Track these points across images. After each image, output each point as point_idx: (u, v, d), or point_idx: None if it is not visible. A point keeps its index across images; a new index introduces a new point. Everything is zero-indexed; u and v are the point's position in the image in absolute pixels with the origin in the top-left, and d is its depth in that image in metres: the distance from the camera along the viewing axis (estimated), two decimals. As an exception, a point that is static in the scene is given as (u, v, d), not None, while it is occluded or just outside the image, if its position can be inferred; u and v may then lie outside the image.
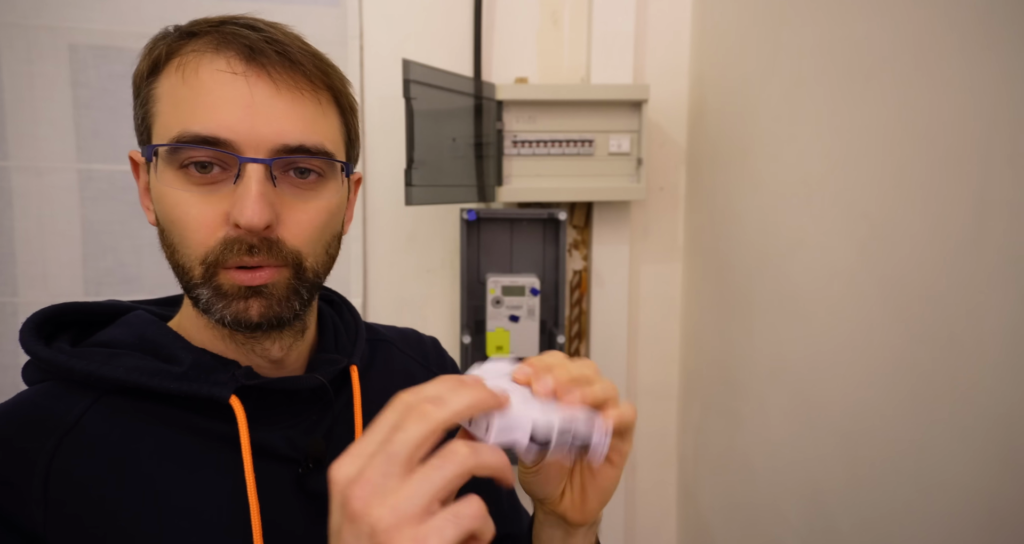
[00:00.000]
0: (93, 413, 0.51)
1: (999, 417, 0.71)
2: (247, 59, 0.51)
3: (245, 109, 0.50)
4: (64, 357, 0.52)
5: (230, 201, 0.50)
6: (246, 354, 0.56)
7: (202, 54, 0.51)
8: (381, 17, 1.48)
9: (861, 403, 0.94)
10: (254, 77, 0.50)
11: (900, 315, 0.86)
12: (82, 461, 0.49)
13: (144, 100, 0.53)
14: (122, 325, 0.56)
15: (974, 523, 0.75)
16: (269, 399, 0.55)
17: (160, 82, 0.52)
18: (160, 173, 0.51)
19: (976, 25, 0.74)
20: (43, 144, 1.38)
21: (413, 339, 0.74)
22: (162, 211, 0.52)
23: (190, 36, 0.53)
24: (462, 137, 1.39)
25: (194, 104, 0.50)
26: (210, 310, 0.51)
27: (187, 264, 0.51)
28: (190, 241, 0.51)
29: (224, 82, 0.50)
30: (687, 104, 1.58)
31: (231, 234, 0.50)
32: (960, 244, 0.76)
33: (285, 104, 0.51)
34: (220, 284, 0.51)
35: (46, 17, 1.36)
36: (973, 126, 0.74)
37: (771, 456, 1.19)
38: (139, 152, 0.55)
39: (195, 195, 0.50)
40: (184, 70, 0.51)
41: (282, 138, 0.51)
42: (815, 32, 1.05)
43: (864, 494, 0.93)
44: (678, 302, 1.64)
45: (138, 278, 1.45)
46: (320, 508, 0.55)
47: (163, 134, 0.51)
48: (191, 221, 0.50)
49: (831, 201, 1.00)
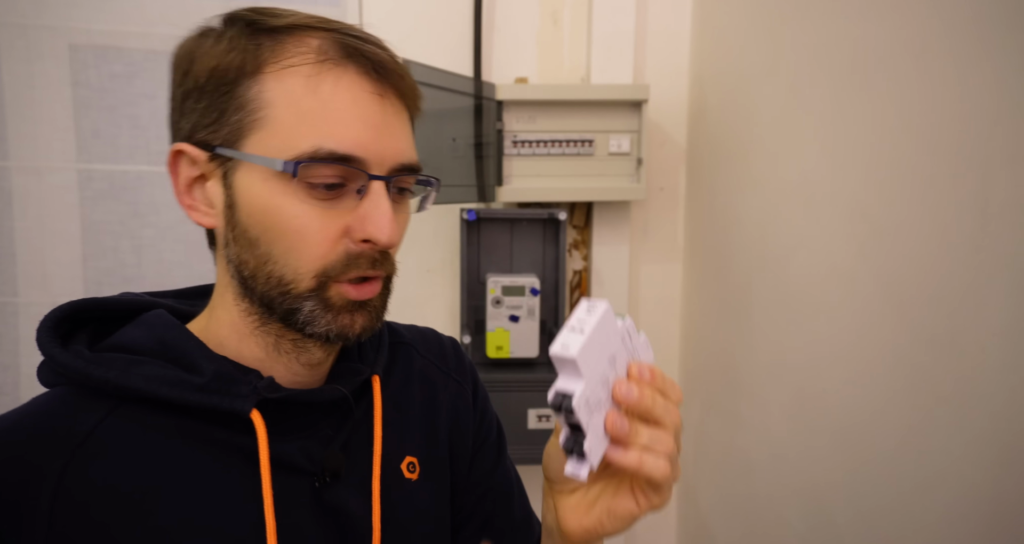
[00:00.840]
0: (109, 423, 0.50)
1: (999, 417, 0.71)
2: (380, 77, 0.51)
3: (376, 128, 0.51)
4: (81, 363, 0.50)
5: (353, 216, 0.51)
6: (285, 362, 0.55)
7: (337, 65, 0.50)
8: (381, 17, 1.48)
9: (861, 403, 0.94)
10: (386, 97, 0.52)
11: (900, 315, 0.86)
12: (95, 475, 0.48)
13: (243, 100, 0.50)
14: (142, 326, 0.54)
15: (974, 522, 0.75)
16: (289, 410, 0.54)
17: (270, 85, 0.49)
18: (268, 181, 0.49)
19: (976, 25, 0.74)
20: (43, 144, 1.38)
21: (433, 341, 0.73)
22: (267, 221, 0.50)
23: (286, 32, 0.51)
24: (462, 137, 1.39)
25: (328, 119, 0.49)
26: (312, 323, 0.51)
27: (292, 276, 0.50)
28: (306, 253, 0.50)
29: (360, 101, 0.50)
30: (687, 104, 1.58)
31: (354, 249, 0.51)
32: (960, 244, 0.76)
33: (401, 123, 0.53)
34: (329, 297, 0.51)
35: (46, 17, 1.36)
36: (973, 126, 0.74)
37: (771, 456, 1.19)
38: (190, 145, 0.52)
39: (315, 208, 0.50)
40: (319, 82, 0.49)
41: (401, 157, 0.52)
42: (815, 32, 1.05)
43: (864, 493, 0.93)
44: (678, 302, 1.64)
45: (138, 278, 1.45)
46: (337, 522, 0.55)
47: (281, 143, 0.49)
48: (312, 234, 0.50)
49: (831, 201, 1.00)
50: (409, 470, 0.62)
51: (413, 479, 0.62)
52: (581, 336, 0.45)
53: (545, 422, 1.45)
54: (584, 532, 0.53)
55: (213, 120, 0.51)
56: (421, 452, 0.63)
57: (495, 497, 0.71)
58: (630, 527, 0.52)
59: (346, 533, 0.55)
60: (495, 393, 1.43)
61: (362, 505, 0.56)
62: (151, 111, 1.43)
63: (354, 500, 0.56)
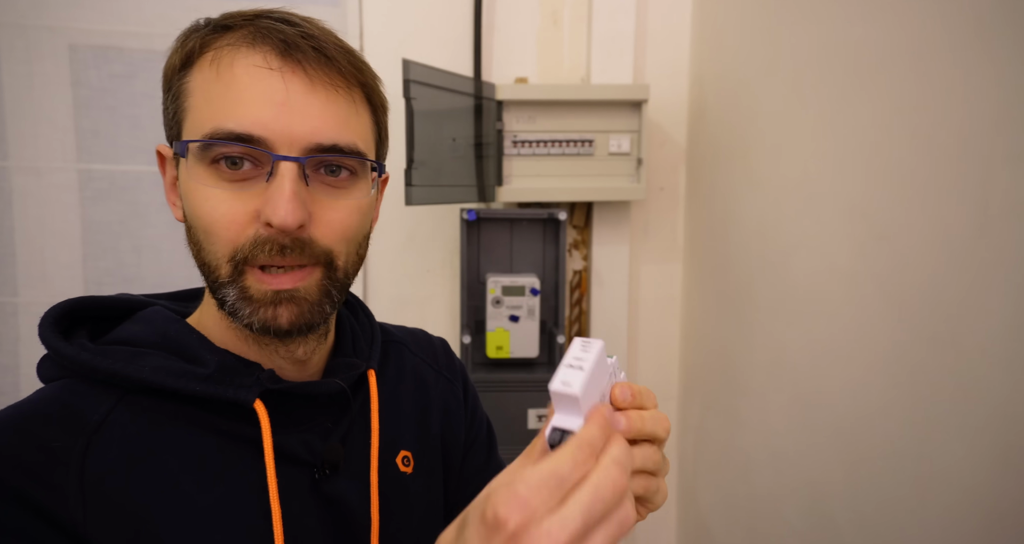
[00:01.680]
0: (118, 413, 0.50)
1: (999, 416, 0.71)
2: (282, 54, 0.50)
3: (279, 106, 0.49)
4: (87, 355, 0.50)
5: (262, 199, 0.49)
6: (269, 355, 0.55)
7: (237, 48, 0.50)
8: (381, 17, 1.48)
9: (861, 402, 0.94)
10: (289, 73, 0.50)
11: (900, 315, 0.86)
12: (109, 461, 0.48)
13: (176, 94, 0.52)
14: (142, 322, 0.55)
15: (974, 522, 0.75)
16: (289, 403, 0.55)
17: (192, 76, 0.51)
18: (190, 169, 0.50)
19: (976, 25, 0.74)
20: (43, 144, 1.38)
21: (424, 340, 0.74)
22: (190, 207, 0.51)
23: (224, 29, 0.51)
24: (462, 137, 1.39)
25: (227, 99, 0.49)
26: (236, 314, 0.50)
27: (213, 262, 0.50)
28: (218, 238, 0.49)
29: (259, 77, 0.49)
30: (687, 104, 1.58)
31: (262, 233, 0.49)
32: (960, 244, 0.76)
33: (320, 101, 0.50)
34: (247, 286, 0.50)
35: (46, 17, 1.36)
36: (973, 126, 0.74)
37: (771, 455, 1.19)
38: (167, 146, 0.54)
39: (225, 192, 0.49)
40: (218, 64, 0.50)
41: (316, 136, 0.50)
42: (815, 33, 1.05)
43: (864, 493, 0.93)
44: (678, 302, 1.64)
45: (138, 278, 1.45)
46: (335, 512, 0.55)
47: (195, 129, 0.50)
48: (220, 218, 0.49)
49: (831, 201, 1.00)
50: (404, 464, 0.63)
51: (408, 472, 0.63)
52: (581, 373, 0.46)
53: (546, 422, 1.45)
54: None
55: (169, 118, 0.53)
56: (415, 446, 0.65)
57: None
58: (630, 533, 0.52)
59: (344, 523, 0.56)
60: (495, 393, 1.43)
61: (360, 496, 0.57)
62: (151, 111, 1.43)
63: (352, 491, 0.57)
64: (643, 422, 0.46)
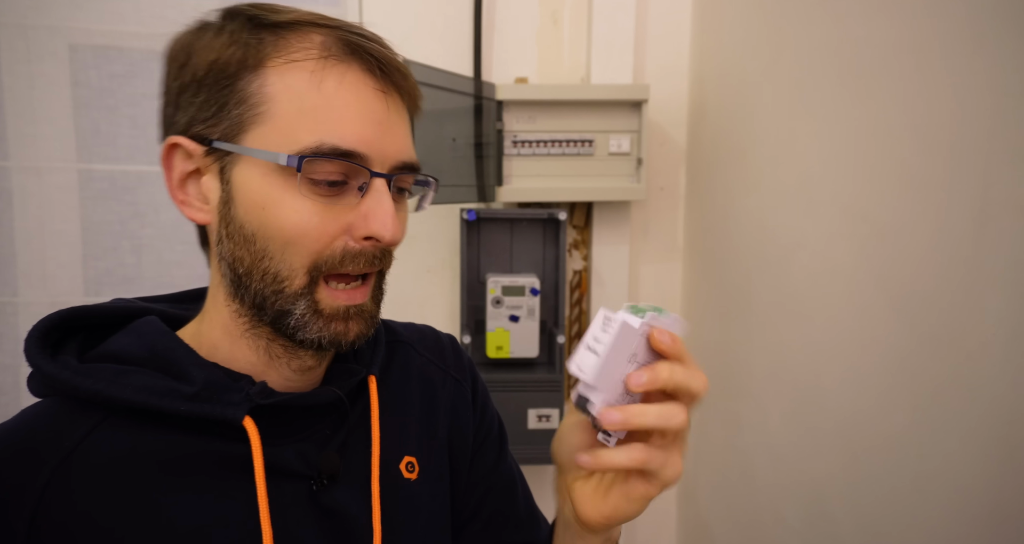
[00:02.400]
0: (97, 435, 0.49)
1: (999, 417, 0.71)
2: (384, 74, 0.51)
3: (379, 125, 0.50)
4: (69, 374, 0.49)
5: (354, 213, 0.50)
6: (276, 366, 0.54)
7: (341, 61, 0.50)
8: (381, 17, 1.48)
9: (861, 403, 0.94)
10: (389, 94, 0.51)
11: (900, 315, 0.86)
12: (81, 489, 0.47)
13: (243, 94, 0.49)
14: (132, 333, 0.53)
15: (974, 523, 0.75)
16: (283, 415, 0.53)
17: (272, 80, 0.49)
18: (268, 176, 0.49)
19: (977, 24, 0.74)
20: (43, 144, 1.38)
21: (431, 339, 0.72)
22: (266, 216, 0.49)
23: (287, 28, 0.50)
24: (462, 137, 1.39)
25: (332, 115, 0.49)
26: (304, 328, 0.50)
27: (286, 272, 0.49)
28: (302, 249, 0.49)
29: (365, 97, 0.50)
30: (687, 104, 1.58)
31: (353, 246, 0.50)
32: (960, 244, 0.76)
33: (404, 121, 0.53)
34: (318, 301, 0.50)
35: (46, 17, 1.36)
36: (974, 126, 0.74)
37: (771, 457, 1.19)
38: (185, 139, 0.51)
39: (317, 204, 0.49)
40: (322, 77, 0.49)
41: (401, 155, 0.52)
42: (815, 32, 1.05)
43: (864, 494, 0.93)
44: (678, 302, 1.64)
45: (138, 278, 1.45)
46: (334, 524, 0.54)
47: (282, 139, 0.48)
48: (312, 230, 0.49)
49: (831, 201, 1.00)
50: (408, 470, 0.61)
51: (412, 479, 0.61)
52: (596, 358, 0.47)
53: (545, 422, 1.45)
54: (603, 518, 0.53)
55: (212, 113, 0.50)
56: (420, 451, 0.63)
57: (498, 494, 0.71)
58: (644, 509, 0.52)
59: (345, 535, 0.54)
60: (495, 393, 1.43)
61: (361, 506, 0.56)
62: (151, 111, 1.42)
63: (353, 501, 0.55)
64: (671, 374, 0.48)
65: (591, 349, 0.48)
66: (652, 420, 0.47)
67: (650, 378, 0.47)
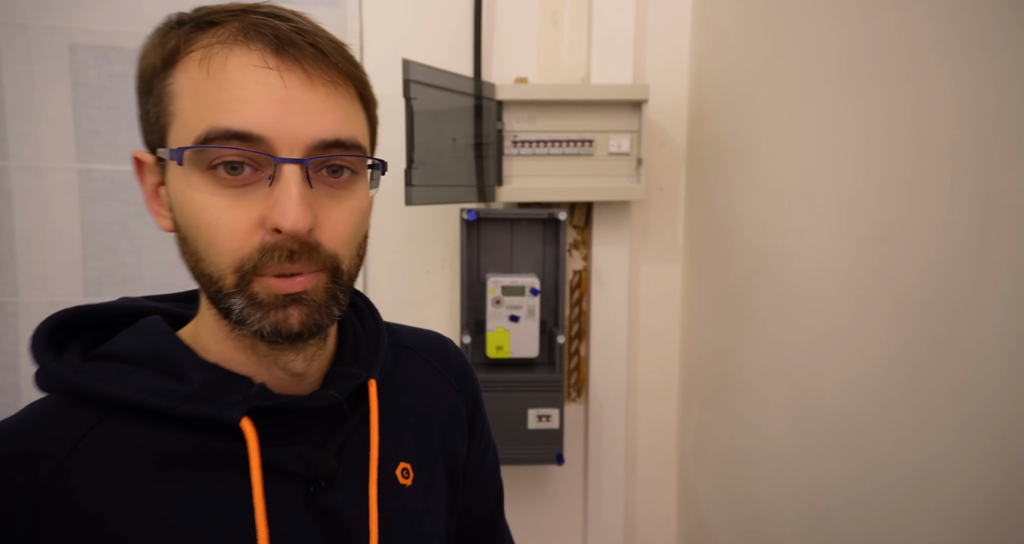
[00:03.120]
0: (98, 432, 0.49)
1: (999, 417, 0.71)
2: (278, 51, 0.47)
3: (279, 104, 0.47)
4: (72, 372, 0.50)
5: (266, 204, 0.47)
6: (267, 367, 0.54)
7: (228, 46, 0.47)
8: (381, 17, 1.48)
9: (861, 403, 0.94)
10: (287, 71, 0.47)
11: (900, 315, 0.86)
12: (82, 485, 0.47)
13: (159, 97, 0.49)
14: (136, 333, 0.53)
15: (973, 523, 0.75)
16: (282, 416, 0.53)
17: (177, 77, 0.48)
18: (183, 175, 0.48)
19: (976, 24, 0.74)
20: (43, 144, 1.38)
21: (437, 345, 0.71)
22: (186, 217, 0.48)
23: (208, 25, 0.48)
24: (462, 137, 1.39)
25: (222, 98, 0.46)
26: (245, 321, 0.48)
27: (216, 273, 0.48)
28: (221, 248, 0.47)
29: (255, 76, 0.47)
30: (687, 104, 1.58)
31: (269, 240, 0.47)
32: (960, 244, 0.76)
33: (320, 99, 0.48)
34: (255, 293, 0.48)
35: (46, 17, 1.36)
36: (974, 126, 0.74)
37: (771, 455, 1.19)
38: (145, 152, 0.52)
39: (225, 199, 0.47)
40: (209, 63, 0.47)
41: (319, 134, 0.48)
42: (815, 32, 1.05)
43: (864, 494, 0.93)
44: (678, 302, 1.64)
45: (138, 278, 1.45)
46: (332, 526, 0.54)
47: (186, 133, 0.47)
48: (223, 227, 0.47)
49: (831, 201, 1.00)
50: (403, 476, 0.61)
51: (407, 485, 0.61)
52: None
53: (545, 422, 1.45)
54: None
55: (149, 123, 0.50)
56: (415, 458, 0.63)
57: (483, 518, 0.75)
58: None
59: (341, 537, 0.55)
60: (495, 393, 1.43)
61: (357, 509, 0.56)
62: (151, 111, 1.43)
63: (349, 505, 0.55)
64: None
65: None
66: None
67: None
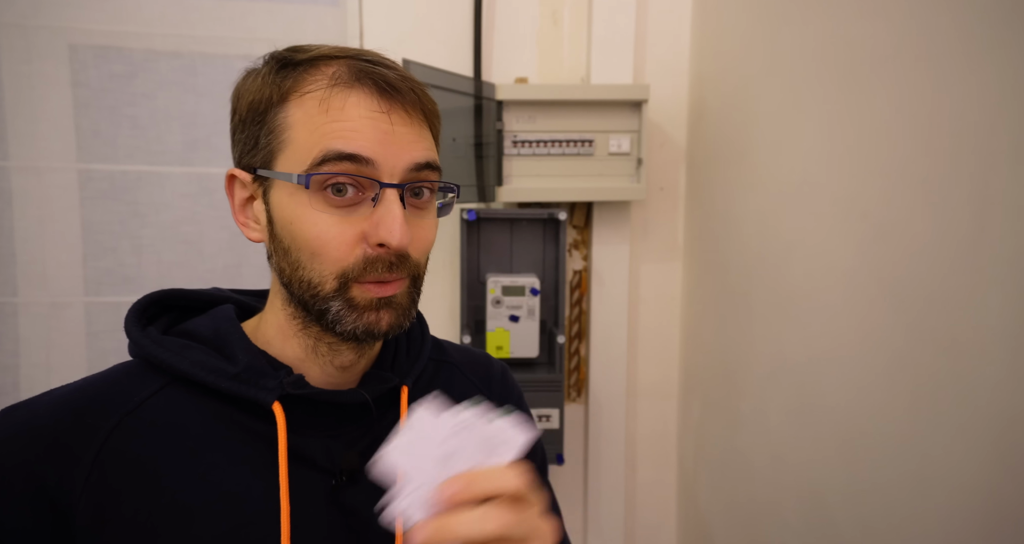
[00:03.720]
0: (158, 398, 0.56)
1: (999, 417, 0.71)
2: (384, 94, 0.55)
3: (384, 137, 0.55)
4: (148, 342, 0.58)
5: (369, 222, 0.55)
6: (322, 364, 0.60)
7: (344, 89, 0.55)
8: (381, 17, 1.48)
9: (861, 403, 0.94)
10: (391, 111, 0.55)
11: (900, 315, 0.86)
12: (135, 440, 0.54)
13: (271, 126, 0.56)
14: (208, 317, 0.62)
15: (974, 523, 0.75)
16: (317, 408, 0.58)
17: (291, 111, 0.56)
18: (294, 195, 0.55)
19: (977, 24, 0.74)
20: (43, 144, 1.38)
21: (481, 364, 0.75)
22: (294, 232, 0.56)
23: (318, 64, 0.56)
24: (462, 137, 1.39)
25: (335, 128, 0.54)
26: (341, 321, 0.56)
27: (317, 279, 0.55)
28: (327, 259, 0.55)
29: (367, 114, 0.55)
30: (687, 104, 1.58)
31: (371, 253, 0.55)
32: (960, 244, 0.76)
33: (414, 132, 0.57)
34: (353, 297, 0.55)
35: (46, 17, 1.36)
36: (974, 126, 0.74)
37: (771, 456, 1.19)
38: (240, 170, 0.59)
39: (333, 216, 0.54)
40: (329, 102, 0.55)
41: (414, 159, 0.56)
42: (815, 32, 1.05)
43: (864, 494, 0.93)
44: (678, 302, 1.64)
45: (138, 278, 1.45)
46: (351, 522, 0.57)
47: (300, 158, 0.55)
48: (331, 240, 0.54)
49: (831, 201, 1.00)
50: None
51: None
52: (398, 454, 0.45)
53: (545, 422, 1.45)
54: None
55: (252, 146, 0.58)
56: None
57: None
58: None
59: (358, 533, 0.57)
60: (495, 393, 1.43)
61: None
62: (151, 111, 1.43)
63: (371, 503, 0.57)
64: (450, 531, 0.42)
65: (397, 446, 0.44)
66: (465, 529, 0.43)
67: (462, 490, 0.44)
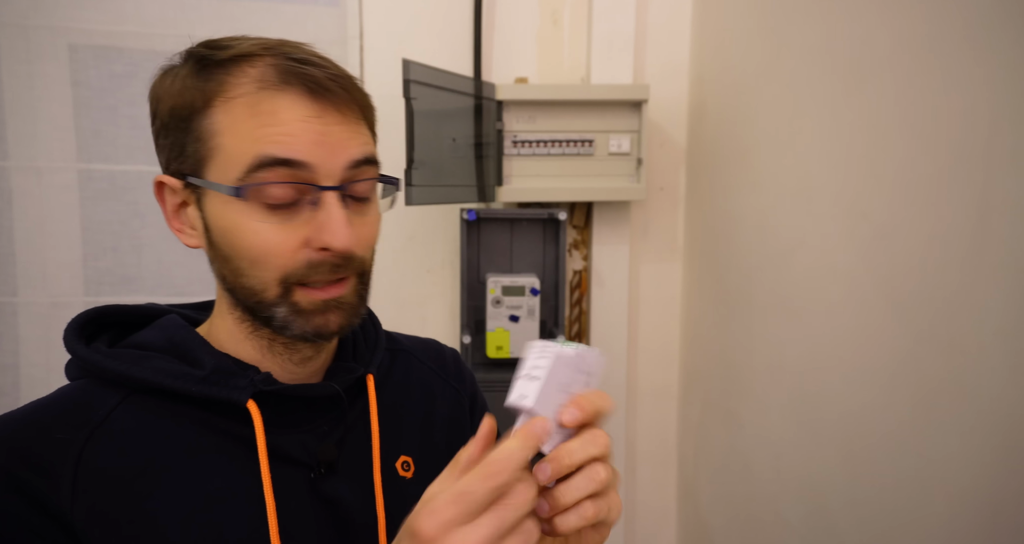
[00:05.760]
0: (122, 410, 0.54)
1: (999, 417, 0.71)
2: (315, 95, 0.53)
3: (318, 139, 0.53)
4: (99, 357, 0.56)
5: (310, 226, 0.53)
6: (281, 362, 0.59)
7: (271, 92, 0.53)
8: (381, 17, 1.48)
9: (861, 403, 0.94)
10: (324, 112, 0.54)
11: (900, 315, 0.86)
12: (110, 452, 0.52)
13: (198, 133, 0.54)
14: (155, 328, 0.60)
15: (974, 523, 0.75)
16: (287, 404, 0.58)
17: (218, 117, 0.53)
18: (228, 203, 0.53)
19: (977, 24, 0.74)
20: (43, 144, 1.38)
21: (433, 350, 0.76)
22: (231, 240, 0.54)
23: (239, 60, 0.54)
24: (462, 137, 1.39)
25: (267, 133, 0.52)
26: (288, 326, 0.55)
27: (258, 286, 0.54)
28: (268, 265, 0.53)
29: (298, 117, 0.53)
30: (687, 104, 1.58)
31: (315, 257, 0.53)
32: (961, 244, 0.76)
33: (349, 131, 0.55)
34: (297, 302, 0.54)
35: (46, 17, 1.36)
36: (974, 126, 0.74)
37: (771, 456, 1.19)
38: (168, 176, 0.57)
39: (272, 224, 0.53)
40: (256, 106, 0.53)
41: (352, 156, 0.54)
42: (815, 32, 1.05)
43: (864, 494, 0.93)
44: (678, 302, 1.64)
45: (138, 278, 1.45)
46: (333, 512, 0.57)
47: (230, 166, 0.53)
48: (272, 248, 0.53)
49: (831, 201, 1.00)
50: (404, 468, 0.64)
51: (408, 477, 0.64)
52: (537, 384, 0.46)
53: (545, 422, 1.45)
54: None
55: (179, 153, 0.56)
56: (416, 452, 0.66)
57: None
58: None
59: (343, 522, 0.58)
60: (495, 393, 1.43)
61: (359, 498, 0.59)
62: (151, 111, 1.43)
63: (351, 492, 0.58)
64: (571, 456, 0.45)
65: (531, 377, 0.46)
66: (587, 451, 0.46)
67: (582, 412, 0.47)
